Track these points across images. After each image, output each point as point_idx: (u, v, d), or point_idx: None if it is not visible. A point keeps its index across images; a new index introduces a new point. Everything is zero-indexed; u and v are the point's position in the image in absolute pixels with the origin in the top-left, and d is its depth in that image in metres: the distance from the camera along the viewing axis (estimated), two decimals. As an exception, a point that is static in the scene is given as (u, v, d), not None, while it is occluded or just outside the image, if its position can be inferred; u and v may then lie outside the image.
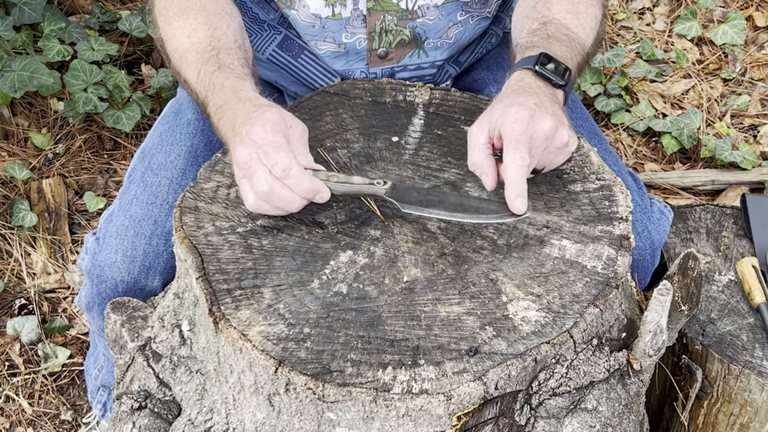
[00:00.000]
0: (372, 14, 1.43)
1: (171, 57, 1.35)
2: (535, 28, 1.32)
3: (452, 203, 1.16)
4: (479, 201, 1.17)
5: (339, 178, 1.16)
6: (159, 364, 1.19)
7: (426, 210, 1.14)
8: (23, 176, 2.32)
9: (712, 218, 1.80)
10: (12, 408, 1.98)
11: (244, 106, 1.18)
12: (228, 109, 1.20)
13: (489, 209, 1.14)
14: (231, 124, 1.18)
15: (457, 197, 1.18)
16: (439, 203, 1.15)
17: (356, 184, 1.16)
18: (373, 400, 0.98)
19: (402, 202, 1.15)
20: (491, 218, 1.13)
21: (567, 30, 1.32)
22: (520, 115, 1.12)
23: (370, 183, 1.16)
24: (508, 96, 1.19)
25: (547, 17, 1.33)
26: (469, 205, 1.15)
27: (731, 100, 2.66)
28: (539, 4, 1.36)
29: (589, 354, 1.10)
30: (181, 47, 1.32)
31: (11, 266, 2.21)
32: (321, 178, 1.14)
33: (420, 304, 1.08)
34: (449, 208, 1.15)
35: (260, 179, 1.11)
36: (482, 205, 1.15)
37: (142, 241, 1.36)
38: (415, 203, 1.15)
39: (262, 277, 1.11)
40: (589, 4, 1.38)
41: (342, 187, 1.16)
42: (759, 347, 1.51)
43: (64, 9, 2.68)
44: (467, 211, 1.14)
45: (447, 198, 1.17)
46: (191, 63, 1.29)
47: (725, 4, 2.96)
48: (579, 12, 1.36)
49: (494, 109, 1.17)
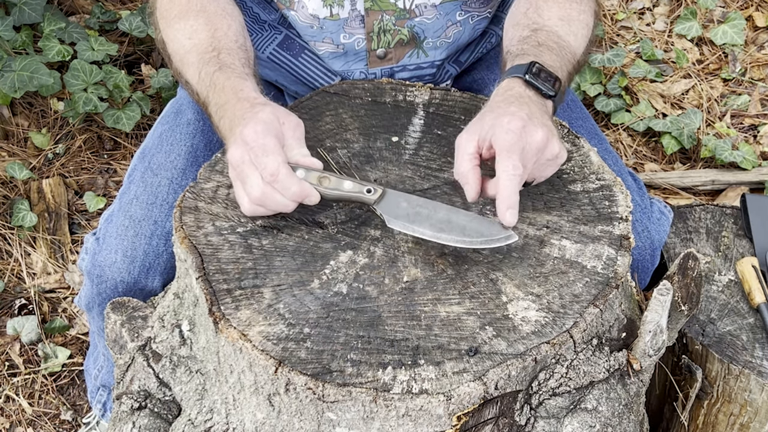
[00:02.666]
0: (370, 14, 1.43)
1: (172, 58, 1.35)
2: (526, 35, 1.30)
3: (439, 219, 1.13)
4: (469, 219, 1.14)
5: (330, 182, 1.15)
6: (159, 364, 1.19)
7: (411, 227, 1.13)
8: (23, 176, 2.32)
9: (712, 218, 1.80)
10: (12, 408, 1.98)
11: (242, 106, 1.18)
12: (228, 109, 1.20)
13: (476, 230, 1.12)
14: (230, 124, 1.19)
15: (447, 213, 1.14)
16: (426, 219, 1.13)
17: (346, 191, 1.15)
18: (373, 400, 0.98)
19: (389, 215, 1.14)
20: (474, 243, 1.11)
21: (558, 38, 1.30)
22: (513, 126, 1.10)
23: (359, 191, 1.15)
24: (499, 105, 1.17)
25: (538, 24, 1.32)
26: (456, 223, 1.13)
27: (731, 100, 2.66)
28: (530, 10, 1.34)
29: (589, 354, 1.10)
30: (183, 49, 1.32)
31: (11, 266, 2.21)
32: (311, 181, 1.14)
33: (420, 304, 1.08)
34: (434, 227, 1.12)
35: (253, 184, 1.12)
36: (470, 224, 1.13)
37: (142, 241, 1.36)
38: (402, 217, 1.13)
39: (262, 277, 1.11)
40: (581, 11, 1.36)
41: (332, 192, 1.15)
42: (759, 347, 1.51)
43: (64, 9, 2.68)
44: (453, 231, 1.12)
45: (436, 213, 1.14)
46: (192, 64, 1.29)
47: (725, 4, 2.96)
48: (570, 19, 1.34)
49: (485, 119, 1.15)
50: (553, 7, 1.34)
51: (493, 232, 1.12)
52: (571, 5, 1.35)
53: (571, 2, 1.35)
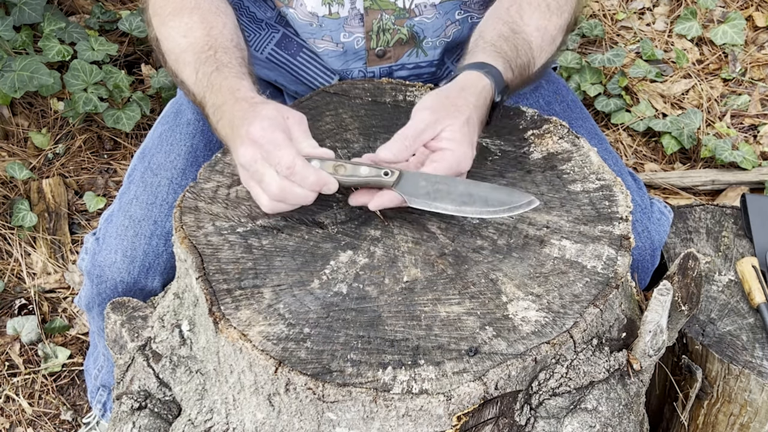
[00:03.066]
0: (369, 13, 1.43)
1: (167, 57, 1.34)
2: (506, 35, 1.31)
3: (460, 193, 1.13)
4: (489, 189, 1.15)
5: (346, 169, 1.14)
6: (159, 364, 1.19)
7: (433, 204, 1.13)
8: (23, 176, 2.32)
9: (712, 218, 1.80)
10: (12, 408, 1.98)
11: (241, 106, 1.18)
12: (226, 110, 1.20)
13: (498, 200, 1.13)
14: (230, 125, 1.18)
15: (466, 186, 1.15)
16: (447, 195, 1.13)
17: (363, 176, 1.14)
18: (373, 400, 0.98)
19: (409, 195, 1.13)
20: (498, 212, 1.12)
21: (530, 50, 1.32)
22: (460, 152, 1.16)
23: (377, 175, 1.14)
24: (467, 105, 1.20)
25: (518, 27, 1.32)
26: (478, 195, 1.13)
27: (731, 100, 2.66)
28: (513, 9, 1.35)
29: (589, 354, 1.10)
30: (178, 47, 1.32)
31: (11, 266, 2.21)
32: (328, 170, 1.13)
33: (420, 304, 1.08)
34: (456, 201, 1.13)
35: (270, 182, 1.11)
36: (492, 194, 1.13)
37: (142, 241, 1.36)
38: (422, 196, 1.13)
39: (262, 277, 1.11)
40: (558, 26, 1.37)
41: (349, 179, 1.14)
42: (759, 347, 1.51)
43: (64, 9, 2.68)
44: (475, 203, 1.13)
45: (456, 187, 1.14)
46: (189, 63, 1.29)
47: (725, 4, 2.96)
48: (546, 31, 1.35)
49: (446, 114, 1.17)
50: (535, 14, 1.35)
51: (514, 200, 1.12)
52: (551, 18, 1.36)
53: (551, 15, 1.36)
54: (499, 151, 1.31)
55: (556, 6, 1.36)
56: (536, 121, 1.36)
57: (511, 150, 1.32)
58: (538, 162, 1.29)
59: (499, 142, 1.33)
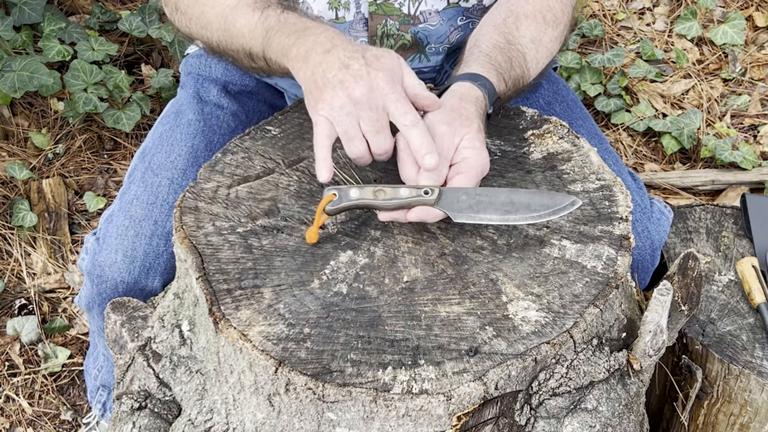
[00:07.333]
0: (374, 18, 1.43)
1: (212, 24, 1.30)
2: (502, 45, 1.31)
3: (503, 203, 1.13)
4: (530, 194, 1.14)
5: (386, 193, 1.13)
6: (159, 364, 1.19)
7: (478, 217, 1.12)
8: (23, 176, 2.32)
9: (712, 218, 1.80)
10: (12, 408, 1.98)
11: (343, 39, 1.15)
12: (319, 33, 1.16)
13: (541, 204, 1.13)
14: (322, 48, 1.14)
15: (507, 194, 1.14)
16: (489, 205, 1.13)
17: (405, 198, 1.13)
18: (373, 400, 0.98)
19: (452, 210, 1.12)
20: (543, 216, 1.12)
21: (524, 62, 1.32)
22: (480, 153, 1.17)
23: (417, 195, 1.13)
24: (472, 113, 1.20)
25: (514, 38, 1.32)
26: (520, 202, 1.13)
27: (731, 100, 2.66)
28: (509, 19, 1.35)
29: (589, 354, 1.10)
30: (227, 7, 1.28)
31: (11, 266, 2.22)
32: (368, 197, 1.13)
33: (420, 304, 1.08)
34: (500, 210, 1.12)
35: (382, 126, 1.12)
36: (533, 200, 1.13)
37: (142, 242, 1.36)
38: (465, 210, 1.12)
39: (262, 277, 1.11)
40: (553, 38, 1.37)
41: (390, 203, 1.13)
42: (759, 347, 1.52)
43: (64, 9, 2.68)
44: (519, 210, 1.12)
45: (497, 197, 1.14)
46: (246, 11, 1.25)
47: (725, 4, 2.96)
48: (541, 43, 1.35)
49: (464, 124, 1.17)
50: (531, 26, 1.35)
51: (557, 202, 1.12)
52: (546, 30, 1.36)
53: (547, 27, 1.36)
54: (499, 151, 1.31)
55: (552, 18, 1.36)
56: (536, 121, 1.36)
57: (511, 150, 1.32)
58: (538, 162, 1.29)
59: (499, 142, 1.33)
